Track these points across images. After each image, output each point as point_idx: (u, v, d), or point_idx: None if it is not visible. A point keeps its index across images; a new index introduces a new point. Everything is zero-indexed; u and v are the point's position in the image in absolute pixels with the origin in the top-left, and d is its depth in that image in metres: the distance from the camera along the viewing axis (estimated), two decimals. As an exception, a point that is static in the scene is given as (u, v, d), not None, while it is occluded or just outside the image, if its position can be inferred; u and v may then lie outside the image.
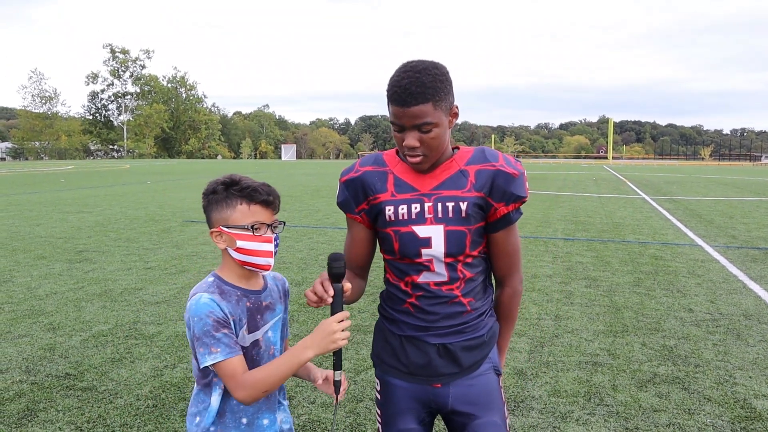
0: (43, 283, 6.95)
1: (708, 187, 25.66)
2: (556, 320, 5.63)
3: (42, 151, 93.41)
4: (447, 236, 1.79)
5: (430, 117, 1.69)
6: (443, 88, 1.71)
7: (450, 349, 1.85)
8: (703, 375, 4.34)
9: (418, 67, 1.71)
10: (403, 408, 1.90)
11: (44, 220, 12.77)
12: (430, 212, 1.80)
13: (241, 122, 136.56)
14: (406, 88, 1.68)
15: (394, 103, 1.71)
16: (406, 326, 1.88)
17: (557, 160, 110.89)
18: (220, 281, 1.78)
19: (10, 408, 3.73)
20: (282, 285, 1.94)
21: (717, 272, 7.81)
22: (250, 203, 1.74)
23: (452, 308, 1.84)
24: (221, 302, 1.72)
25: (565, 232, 11.40)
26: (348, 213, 1.92)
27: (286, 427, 1.91)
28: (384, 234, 1.87)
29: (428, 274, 1.83)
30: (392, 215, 1.82)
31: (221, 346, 1.67)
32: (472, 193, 1.79)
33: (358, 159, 1.95)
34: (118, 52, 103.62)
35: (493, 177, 1.79)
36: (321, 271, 7.67)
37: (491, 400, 1.89)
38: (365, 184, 1.86)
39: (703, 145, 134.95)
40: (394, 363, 1.92)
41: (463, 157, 1.85)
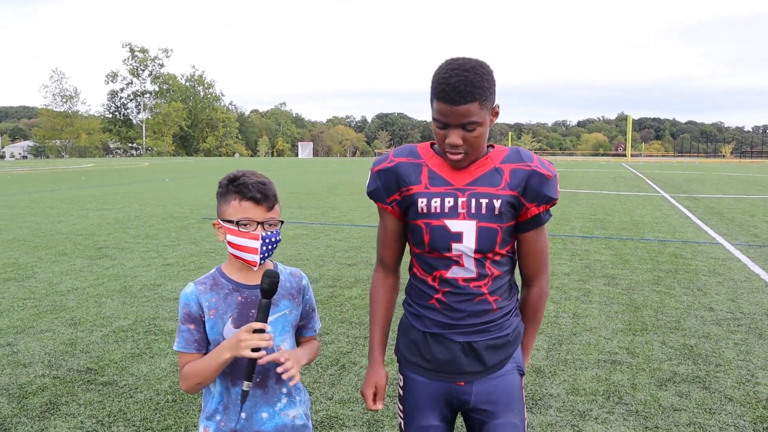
0: (65, 279, 7.04)
1: (729, 185, 25.32)
2: (575, 318, 5.60)
3: (63, 149, 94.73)
4: (479, 232, 1.80)
5: (476, 116, 1.70)
6: (489, 88, 1.72)
7: (475, 348, 1.85)
8: (725, 374, 4.28)
9: (467, 65, 1.70)
10: (426, 404, 1.90)
11: (65, 217, 12.95)
12: (463, 207, 1.80)
13: (258, 120, 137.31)
14: (455, 86, 1.67)
15: (442, 101, 1.70)
16: (431, 323, 1.88)
17: (575, 157, 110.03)
18: (219, 273, 1.87)
19: (33, 401, 3.79)
20: (298, 282, 1.95)
21: (738, 271, 7.70)
22: (241, 200, 1.79)
23: (479, 306, 1.84)
24: (204, 294, 1.83)
25: (583, 229, 11.32)
26: (379, 203, 1.91)
27: (299, 422, 1.91)
28: (414, 226, 1.86)
29: (457, 269, 1.83)
30: (425, 207, 1.82)
31: (180, 338, 1.82)
32: (506, 192, 1.80)
33: (390, 150, 1.94)
34: (138, 51, 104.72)
35: (528, 177, 1.81)
36: (338, 269, 7.67)
37: (512, 401, 1.89)
38: (399, 175, 1.85)
39: (724, 143, 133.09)
40: (417, 360, 1.91)
41: (498, 155, 1.85)
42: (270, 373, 1.85)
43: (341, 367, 4.39)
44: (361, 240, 9.97)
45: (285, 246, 9.29)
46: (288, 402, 1.90)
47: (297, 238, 10.13)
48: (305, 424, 1.94)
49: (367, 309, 5.81)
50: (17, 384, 4.05)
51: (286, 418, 1.89)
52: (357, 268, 7.72)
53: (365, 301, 6.11)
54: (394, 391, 3.96)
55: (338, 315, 5.64)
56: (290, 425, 1.89)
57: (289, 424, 1.89)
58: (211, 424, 1.86)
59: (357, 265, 7.91)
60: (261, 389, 1.85)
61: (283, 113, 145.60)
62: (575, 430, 3.47)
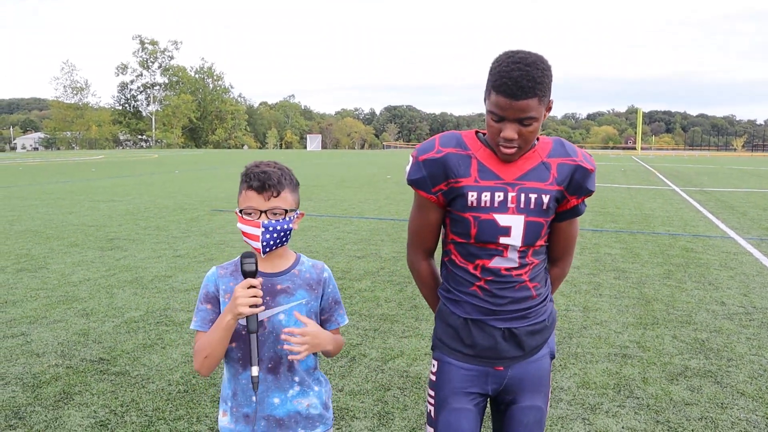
0: (77, 270, 7.09)
1: (741, 179, 25.12)
2: (585, 311, 5.58)
3: (73, 141, 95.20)
4: (527, 226, 1.82)
5: (534, 112, 1.70)
6: (548, 84, 1.72)
7: (515, 333, 1.89)
8: (737, 369, 4.26)
9: (528, 59, 1.70)
10: (460, 389, 1.92)
11: (76, 208, 13.03)
12: (512, 202, 1.81)
13: (267, 112, 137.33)
14: (517, 80, 1.67)
15: (502, 94, 1.69)
16: (473, 309, 1.89)
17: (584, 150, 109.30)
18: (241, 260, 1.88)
19: (47, 391, 3.82)
20: (318, 273, 1.95)
21: (750, 265, 7.65)
22: (246, 189, 1.84)
23: (520, 293, 1.87)
24: (224, 278, 1.88)
25: (593, 223, 11.27)
26: (422, 191, 1.87)
27: (314, 412, 1.92)
28: (460, 218, 1.85)
29: (500, 260, 1.85)
30: (474, 201, 1.81)
31: (198, 317, 1.88)
32: (554, 187, 1.83)
33: (435, 136, 1.91)
34: (147, 44, 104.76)
35: (573, 172, 1.84)
36: (347, 261, 7.68)
37: (541, 384, 1.96)
38: (447, 166, 1.82)
39: (736, 136, 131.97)
40: (457, 345, 1.92)
41: (544, 148, 1.86)
42: (282, 360, 1.87)
43: (351, 359, 4.40)
44: (371, 233, 9.97)
45: (294, 238, 9.31)
46: (300, 390, 1.91)
47: (306, 230, 10.15)
48: (321, 414, 1.95)
49: (377, 301, 5.82)
50: (31, 373, 4.09)
51: (300, 405, 1.90)
52: (366, 260, 7.73)
53: (375, 293, 6.11)
54: (405, 384, 3.97)
55: (348, 307, 5.65)
56: (304, 413, 1.90)
57: (302, 412, 1.90)
58: (227, 408, 1.91)
59: (366, 257, 7.92)
60: (273, 375, 1.87)
61: (291, 105, 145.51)
62: (586, 423, 3.47)
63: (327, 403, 1.98)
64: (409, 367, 4.25)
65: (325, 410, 1.97)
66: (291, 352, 1.81)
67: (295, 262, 1.94)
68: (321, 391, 1.97)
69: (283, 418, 1.88)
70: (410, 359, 4.39)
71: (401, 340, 4.79)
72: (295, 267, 1.92)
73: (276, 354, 1.86)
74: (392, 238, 9.36)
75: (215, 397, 3.74)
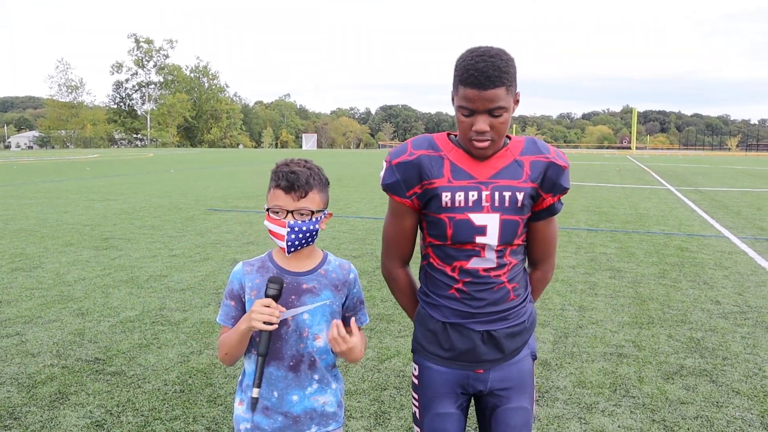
0: (72, 270, 7.07)
1: (735, 178, 25.21)
2: (580, 311, 5.59)
3: (68, 139, 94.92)
4: (502, 225, 1.82)
5: (503, 101, 1.70)
6: (514, 74, 1.73)
7: (494, 336, 1.88)
8: (732, 368, 4.28)
9: (491, 51, 1.72)
10: (442, 393, 1.92)
11: (71, 207, 12.98)
12: (487, 200, 1.81)
13: (263, 111, 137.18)
14: (483, 71, 1.68)
15: (470, 86, 1.69)
16: (451, 312, 1.88)
17: (579, 150, 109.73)
18: (268, 258, 1.93)
19: (43, 391, 3.81)
20: (345, 274, 1.96)
21: (745, 264, 7.68)
22: (274, 187, 1.85)
23: (498, 294, 1.86)
24: (250, 274, 1.90)
25: (588, 222, 11.29)
26: (396, 196, 1.87)
27: (330, 410, 1.94)
28: (436, 219, 1.85)
29: (478, 260, 1.84)
30: (449, 201, 1.81)
31: (222, 311, 1.92)
32: (527, 184, 1.82)
33: (407, 140, 1.91)
34: (142, 42, 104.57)
35: (546, 168, 1.83)
36: (344, 260, 7.66)
37: (525, 385, 1.95)
38: (421, 168, 1.82)
39: (730, 135, 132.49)
40: (435, 349, 1.92)
41: (517, 147, 1.86)
42: (303, 359, 1.88)
43: (348, 358, 4.40)
44: (366, 232, 9.97)
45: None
46: (319, 388, 1.92)
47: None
48: (335, 412, 1.96)
49: (373, 301, 5.82)
50: (26, 373, 4.07)
51: (316, 402, 1.91)
52: (362, 260, 7.72)
53: (371, 293, 6.11)
54: (401, 383, 3.97)
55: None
56: (320, 410, 1.92)
57: (318, 409, 1.92)
58: (245, 398, 1.93)
59: (362, 257, 7.91)
60: (293, 372, 1.88)
61: (287, 105, 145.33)
62: (582, 422, 3.48)
63: (341, 400, 2.00)
64: (405, 367, 4.25)
65: (339, 408, 1.98)
66: (314, 351, 1.87)
67: (322, 261, 1.94)
68: (337, 389, 1.98)
69: (300, 415, 1.89)
70: (406, 359, 4.40)
71: (397, 340, 4.79)
72: (322, 266, 1.93)
73: (298, 352, 1.87)
74: (388, 238, 9.34)
75: (212, 397, 3.73)
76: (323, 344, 1.89)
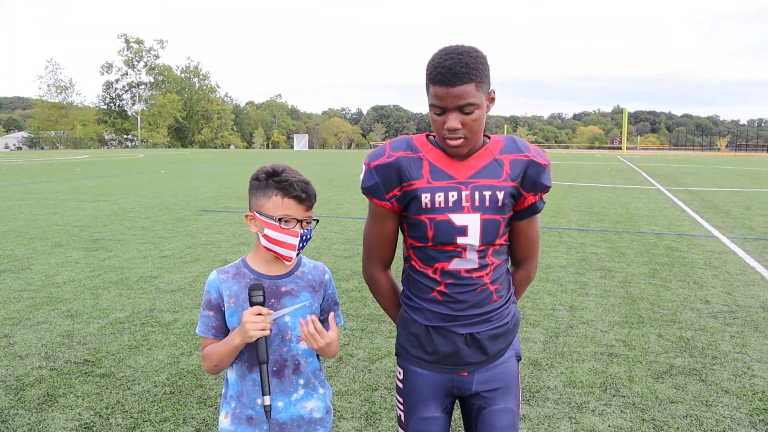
0: (61, 271, 7.02)
1: (724, 178, 25.39)
2: (571, 311, 5.61)
3: (57, 140, 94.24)
4: (483, 225, 1.81)
5: (472, 98, 1.70)
6: (484, 71, 1.73)
7: (477, 339, 1.87)
8: (721, 367, 4.31)
9: (460, 49, 1.72)
10: (427, 396, 1.91)
11: (61, 208, 12.89)
12: (467, 201, 1.80)
13: (254, 112, 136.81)
14: (450, 68, 1.68)
15: (438, 84, 1.70)
16: (433, 316, 1.87)
17: (570, 150, 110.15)
18: (243, 264, 1.91)
19: (31, 393, 3.78)
20: (321, 275, 1.96)
21: (734, 264, 7.73)
22: (284, 196, 1.81)
23: (480, 296, 1.85)
24: (226, 282, 1.87)
25: (579, 222, 11.33)
26: (376, 199, 1.86)
27: (317, 415, 1.92)
28: (416, 221, 1.83)
29: (459, 261, 1.83)
30: (429, 203, 1.80)
31: (201, 323, 1.89)
32: (507, 183, 1.82)
33: (386, 142, 1.90)
34: (133, 42, 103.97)
35: (526, 167, 1.83)
36: (334, 261, 7.66)
37: (510, 387, 1.94)
38: (400, 170, 1.80)
39: (720, 136, 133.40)
40: (418, 353, 1.91)
41: (496, 146, 1.85)
42: (287, 363, 1.87)
43: (338, 359, 4.39)
44: (357, 232, 9.96)
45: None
46: (305, 393, 1.91)
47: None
48: (323, 418, 1.95)
49: (364, 301, 5.81)
50: (14, 376, 4.04)
51: (303, 410, 1.90)
52: (353, 260, 7.72)
53: (362, 293, 6.11)
54: (392, 384, 3.96)
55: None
56: (307, 417, 1.90)
57: (306, 416, 1.90)
58: (230, 411, 1.90)
59: (353, 257, 7.91)
60: (277, 378, 1.86)
61: (278, 105, 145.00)
62: (572, 422, 3.49)
63: (329, 406, 1.99)
64: (396, 367, 4.24)
65: (327, 414, 1.97)
66: (298, 354, 1.87)
67: (298, 264, 1.94)
68: (325, 394, 1.97)
69: (286, 421, 1.88)
70: (398, 359, 4.39)
71: (388, 340, 4.79)
72: (298, 269, 1.93)
73: (281, 357, 1.86)
74: (379, 238, 9.34)
75: (201, 398, 3.71)
76: (307, 346, 1.88)
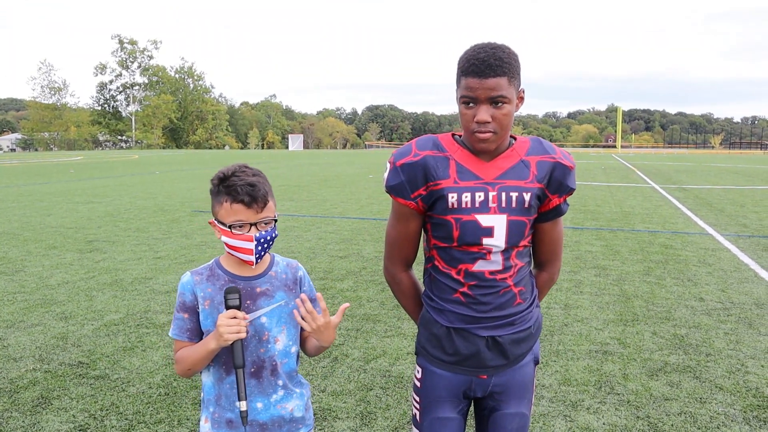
0: (55, 273, 6.99)
1: (718, 176, 25.48)
2: (566, 309, 5.62)
3: (51, 142, 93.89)
4: (509, 226, 1.80)
5: (504, 91, 1.70)
6: (516, 67, 1.74)
7: (499, 342, 1.86)
8: (715, 364, 4.32)
9: (493, 44, 1.74)
10: (444, 397, 1.91)
11: (55, 210, 12.85)
12: (494, 201, 1.79)
13: (248, 112, 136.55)
14: (485, 60, 1.69)
15: (471, 75, 1.70)
16: (456, 317, 1.86)
17: (565, 149, 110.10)
18: (216, 265, 1.90)
19: (25, 396, 3.76)
20: (294, 273, 1.95)
21: (728, 261, 7.76)
22: (232, 202, 1.79)
23: (504, 298, 1.84)
24: (200, 284, 1.85)
25: (573, 221, 11.36)
26: (400, 198, 1.83)
27: (298, 414, 1.92)
28: (441, 221, 1.82)
29: (483, 263, 1.82)
30: (455, 203, 1.78)
31: (175, 325, 1.86)
32: (534, 184, 1.81)
33: (411, 141, 1.88)
34: (126, 43, 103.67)
35: (552, 169, 1.83)
36: (329, 261, 7.64)
37: (525, 391, 1.94)
38: (426, 169, 1.79)
39: (714, 134, 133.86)
40: (439, 353, 1.90)
41: (522, 147, 1.85)
42: (265, 364, 1.86)
43: (334, 359, 4.39)
44: (353, 232, 9.96)
45: (276, 239, 9.26)
46: (285, 394, 1.90)
47: (288, 230, 10.11)
48: (303, 416, 1.95)
49: (359, 301, 5.82)
50: (8, 378, 4.02)
51: (283, 410, 1.89)
52: (348, 260, 7.72)
53: (357, 293, 6.11)
54: (387, 384, 3.97)
55: (330, 308, 5.63)
56: (288, 417, 1.90)
57: (287, 416, 1.90)
58: (209, 414, 1.88)
59: (348, 257, 7.90)
60: (255, 379, 1.85)
61: (273, 105, 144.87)
62: (567, 420, 3.49)
63: (308, 404, 1.98)
64: (391, 367, 4.24)
65: (306, 412, 1.96)
66: (275, 355, 1.85)
67: (271, 263, 1.93)
68: (303, 392, 1.96)
69: (267, 422, 1.87)
70: (393, 359, 4.39)
71: (383, 340, 4.79)
72: (272, 268, 1.92)
73: (259, 358, 1.84)
74: (374, 238, 9.35)
75: (196, 400, 3.71)
76: (283, 346, 1.88)
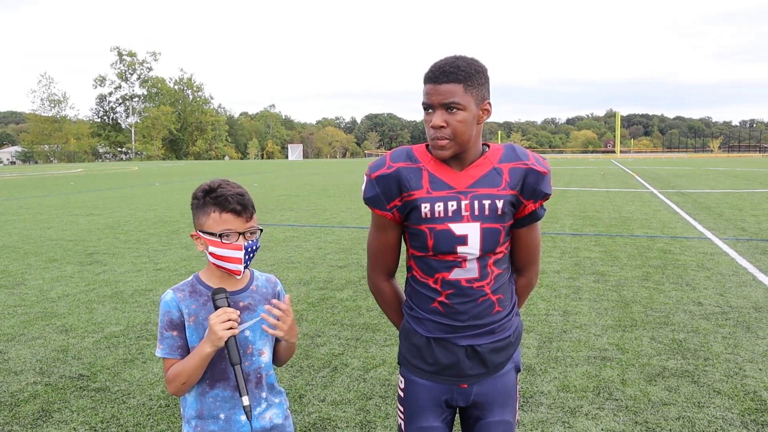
0: (55, 286, 7.01)
1: (717, 180, 25.51)
2: (565, 315, 5.64)
3: (51, 154, 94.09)
4: (483, 233, 1.82)
5: (458, 98, 1.73)
6: (477, 77, 1.76)
7: (478, 351, 1.88)
8: (713, 368, 4.34)
9: (458, 55, 1.79)
10: (427, 406, 1.93)
11: (55, 222, 12.87)
12: (466, 210, 1.81)
13: (248, 123, 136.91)
14: (441, 67, 1.75)
15: (428, 81, 1.76)
16: (435, 327, 1.88)
17: (564, 155, 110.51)
18: (197, 281, 1.90)
19: (26, 409, 3.78)
20: (273, 287, 1.98)
21: (726, 265, 7.78)
22: (221, 211, 1.81)
23: (482, 306, 1.86)
24: (184, 301, 1.85)
25: (572, 227, 11.38)
26: (377, 210, 1.88)
27: (278, 421, 1.95)
28: (417, 231, 1.85)
29: (459, 271, 1.84)
30: (428, 212, 1.81)
31: (165, 345, 1.84)
32: (507, 191, 1.83)
33: (387, 152, 1.93)
34: (126, 55, 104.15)
35: (525, 175, 1.84)
36: (329, 271, 7.67)
37: (508, 399, 1.96)
38: (400, 180, 1.82)
39: (712, 137, 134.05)
40: (420, 363, 1.93)
41: (495, 154, 1.87)
42: (250, 377, 1.89)
43: (333, 369, 4.41)
44: (352, 242, 9.98)
45: (276, 249, 9.29)
46: (267, 406, 1.94)
47: (288, 240, 10.13)
48: (283, 423, 1.98)
49: (358, 311, 5.83)
50: (9, 392, 4.04)
51: (264, 420, 1.92)
52: (348, 270, 7.73)
53: (357, 303, 6.12)
54: (387, 393, 3.98)
55: (330, 317, 5.66)
56: (268, 427, 1.93)
57: (267, 426, 1.93)
58: (191, 429, 1.90)
59: (348, 267, 7.92)
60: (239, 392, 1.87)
61: (272, 115, 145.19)
62: (566, 426, 3.51)
63: (287, 412, 2.02)
64: (391, 376, 4.26)
65: (286, 420, 2.00)
66: (261, 368, 1.87)
67: (252, 278, 1.96)
68: (281, 401, 2.00)
69: None
70: (392, 368, 4.41)
71: (383, 349, 4.80)
72: (253, 283, 1.95)
73: (245, 371, 1.87)
74: (374, 247, 9.35)
75: (197, 411, 3.72)
76: (268, 359, 1.92)
